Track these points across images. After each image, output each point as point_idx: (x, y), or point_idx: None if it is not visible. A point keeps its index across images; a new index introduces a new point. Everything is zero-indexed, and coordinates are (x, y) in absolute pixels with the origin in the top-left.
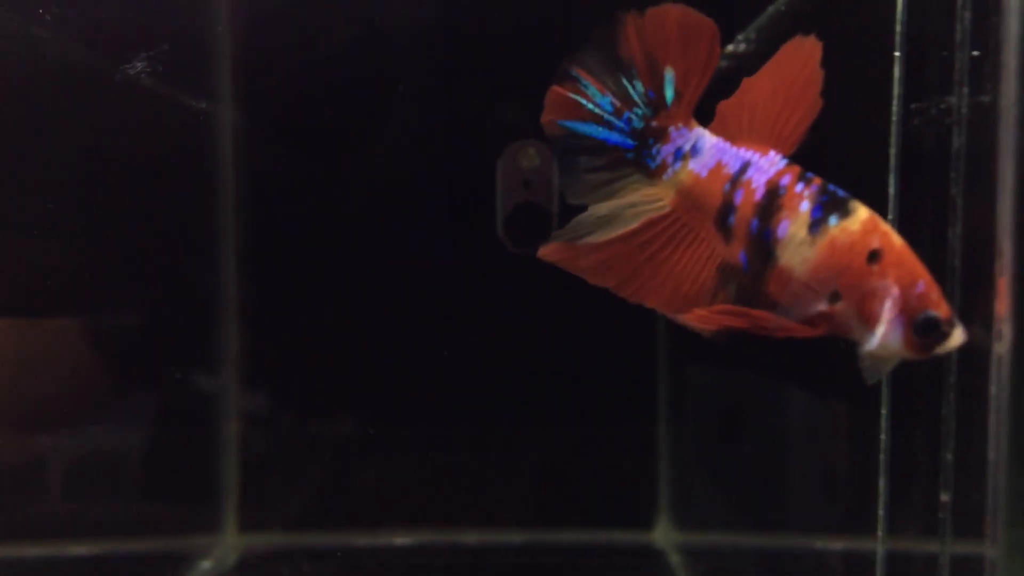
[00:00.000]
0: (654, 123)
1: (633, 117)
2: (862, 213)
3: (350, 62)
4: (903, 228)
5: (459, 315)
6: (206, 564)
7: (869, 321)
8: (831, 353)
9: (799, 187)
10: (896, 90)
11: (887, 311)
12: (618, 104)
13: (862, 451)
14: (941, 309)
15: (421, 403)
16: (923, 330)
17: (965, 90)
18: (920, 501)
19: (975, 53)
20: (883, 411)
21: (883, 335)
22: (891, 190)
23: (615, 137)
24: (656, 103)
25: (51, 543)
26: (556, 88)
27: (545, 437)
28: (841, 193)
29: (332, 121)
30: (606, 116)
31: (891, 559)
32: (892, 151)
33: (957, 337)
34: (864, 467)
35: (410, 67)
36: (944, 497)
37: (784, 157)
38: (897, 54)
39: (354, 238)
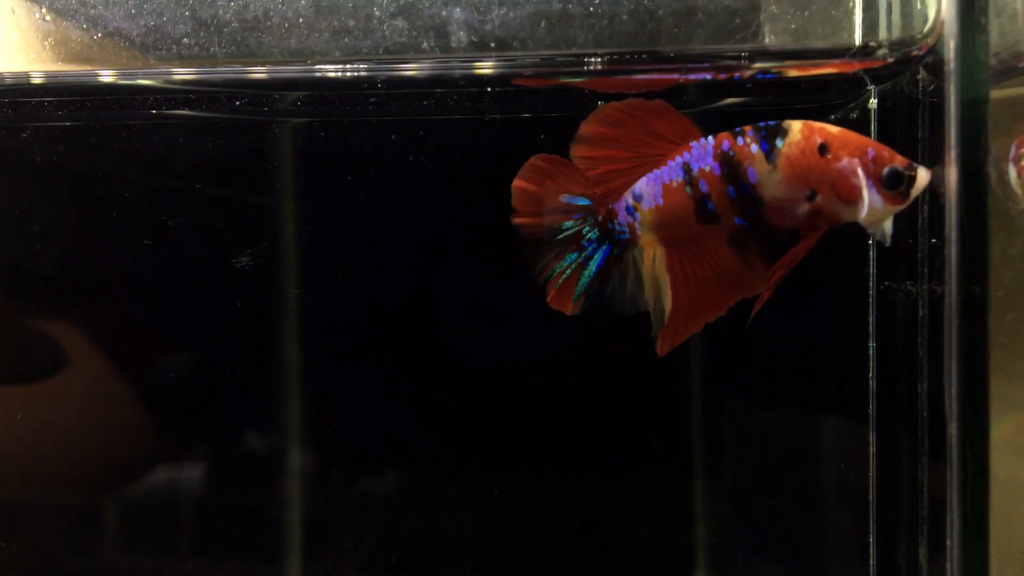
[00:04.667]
0: (599, 219)
1: (590, 237)
2: (795, 124)
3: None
4: (880, 384)
5: (506, 376)
6: None
7: (850, 198)
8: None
9: (740, 141)
10: (871, 270)
11: (860, 182)
12: (574, 247)
13: (912, 503)
14: (897, 160)
15: (468, 463)
16: (892, 182)
17: (926, 270)
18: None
19: (934, 241)
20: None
21: (867, 202)
22: (871, 351)
23: (599, 258)
24: (585, 212)
25: None
26: (551, 297)
27: (582, 494)
28: (771, 122)
29: (388, 202)
30: (582, 259)
31: None
32: (871, 319)
33: (923, 176)
34: (914, 521)
35: (469, 135)
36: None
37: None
38: (871, 241)
39: (411, 303)
